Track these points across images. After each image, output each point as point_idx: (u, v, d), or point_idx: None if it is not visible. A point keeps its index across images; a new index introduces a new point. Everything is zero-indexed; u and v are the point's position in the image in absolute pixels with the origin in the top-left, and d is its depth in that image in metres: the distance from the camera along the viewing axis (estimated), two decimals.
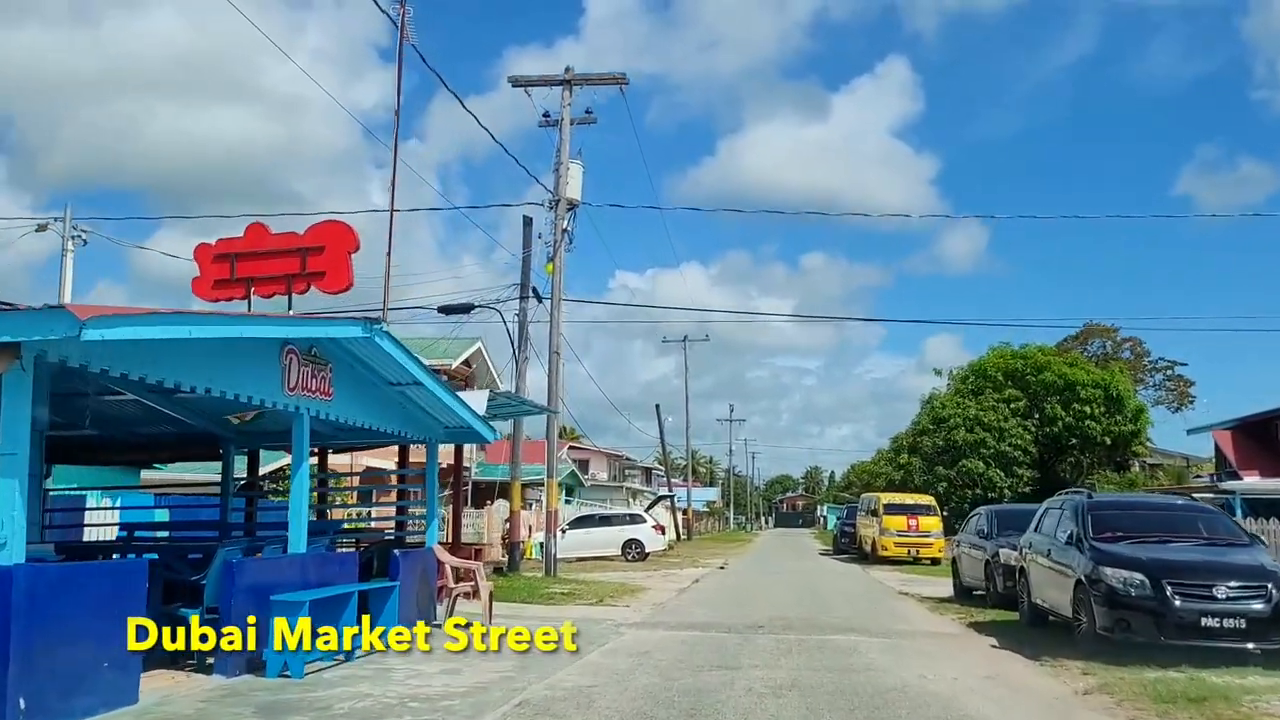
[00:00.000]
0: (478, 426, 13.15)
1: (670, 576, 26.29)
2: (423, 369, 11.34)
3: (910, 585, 23.96)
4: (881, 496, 33.79)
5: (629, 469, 71.83)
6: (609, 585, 21.82)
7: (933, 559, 31.81)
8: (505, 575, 23.50)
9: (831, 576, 26.04)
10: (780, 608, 16.78)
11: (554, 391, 23.86)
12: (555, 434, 23.87)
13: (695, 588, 21.79)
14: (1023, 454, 40.59)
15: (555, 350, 23.98)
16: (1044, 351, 43.89)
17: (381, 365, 11.01)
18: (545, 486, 23.85)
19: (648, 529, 33.93)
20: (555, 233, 24.12)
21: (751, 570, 29.23)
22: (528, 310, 24.87)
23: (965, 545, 19.22)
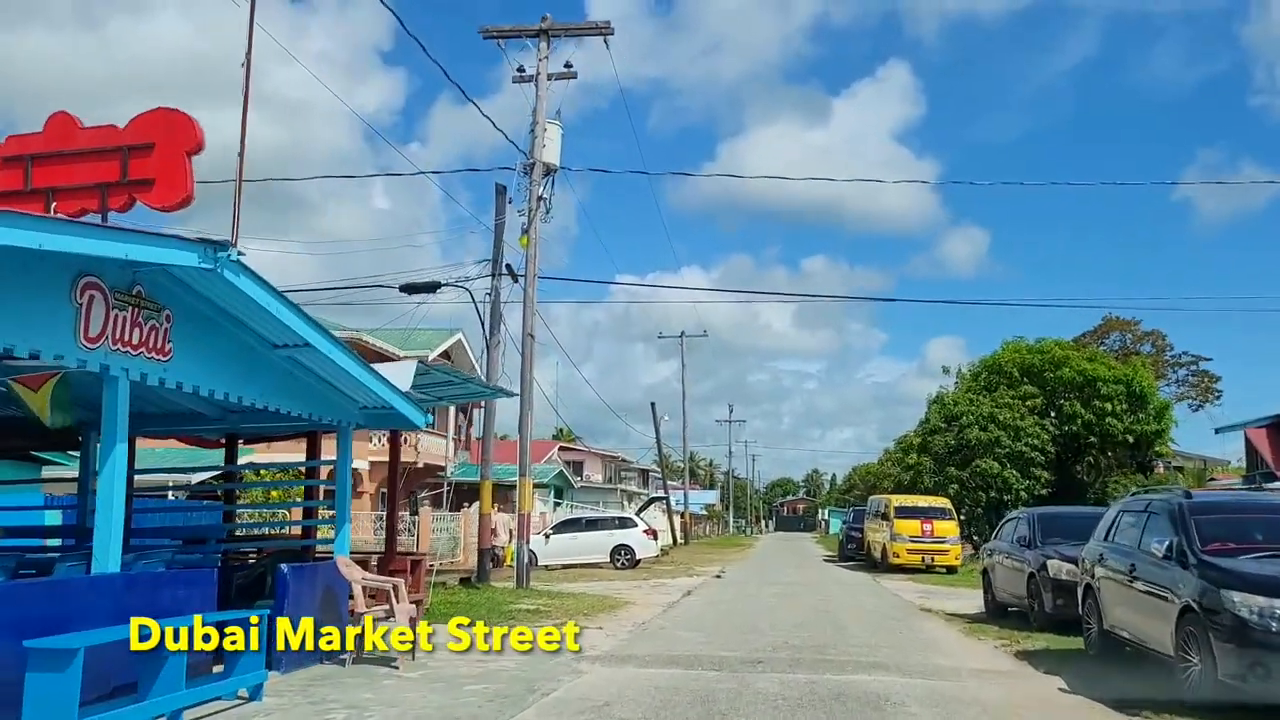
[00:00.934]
0: (402, 407, 10.19)
1: (660, 587, 23.30)
2: (309, 323, 8.37)
3: (930, 598, 20.97)
4: (892, 499, 30.77)
5: (625, 471, 68.80)
6: (587, 599, 18.85)
7: (949, 567, 28.83)
8: (474, 587, 20.56)
9: (840, 588, 23.03)
10: (784, 631, 13.79)
11: (527, 378, 20.89)
12: (528, 426, 20.89)
13: (685, 602, 18.79)
14: (1040, 454, 37.49)
15: (529, 332, 21.01)
16: (1061, 346, 40.82)
17: (250, 315, 8.05)
18: (518, 487, 20.85)
19: (638, 534, 30.93)
20: (530, 200, 21.16)
21: (751, 580, 26.20)
22: (503, 290, 21.99)
23: (1000, 555, 16.23)
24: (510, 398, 14.67)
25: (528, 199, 21.15)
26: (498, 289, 21.93)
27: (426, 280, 22.27)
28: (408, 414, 10.31)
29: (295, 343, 8.61)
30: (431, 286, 22.24)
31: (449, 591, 19.36)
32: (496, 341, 21.96)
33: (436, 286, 22.24)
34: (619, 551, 30.60)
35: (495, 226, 21.76)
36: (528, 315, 21.07)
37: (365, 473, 33.41)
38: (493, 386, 12.62)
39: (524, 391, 20.93)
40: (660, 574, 28.27)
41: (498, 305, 21.93)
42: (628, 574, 27.99)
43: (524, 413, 20.93)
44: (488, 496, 21.71)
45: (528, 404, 20.95)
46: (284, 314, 7.89)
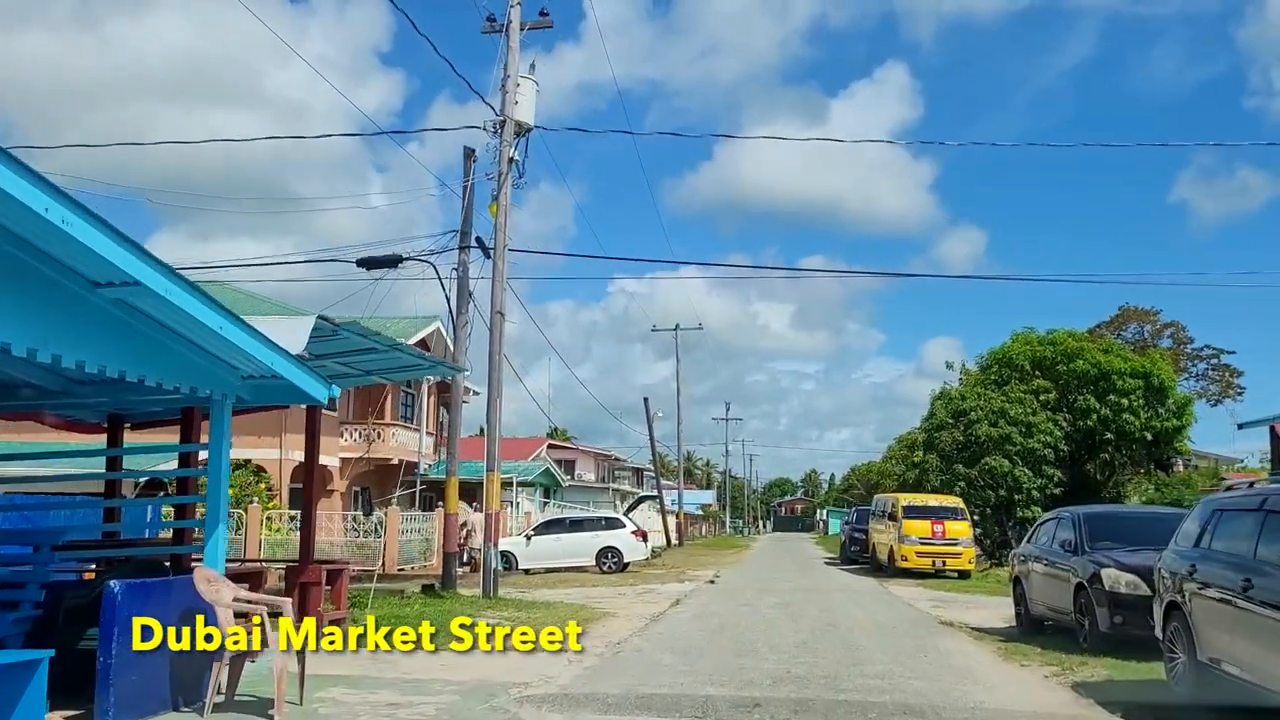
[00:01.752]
0: (293, 375, 7.76)
1: (647, 594, 20.87)
2: (130, 248, 5.93)
3: (947, 608, 18.55)
4: (900, 497, 28.33)
5: (619, 470, 66.34)
6: (562, 610, 16.42)
7: (961, 571, 26.42)
8: (437, 596, 18.15)
9: (845, 596, 20.59)
10: (786, 654, 11.36)
11: (496, 359, 18.47)
12: (497, 413, 18.46)
13: (673, 615, 16.35)
14: (1053, 451, 35.02)
15: (499, 309, 18.59)
16: (1074, 337, 38.31)
17: (36, 233, 5.60)
18: (485, 483, 18.42)
19: (626, 535, 28.49)
20: (500, 162, 18.74)
21: (747, 586, 23.75)
22: (472, 264, 19.59)
23: (1036, 562, 13.79)
24: (458, 372, 12.16)
25: (497, 161, 18.73)
26: (465, 263, 19.55)
27: (386, 254, 19.88)
28: (303, 384, 7.87)
29: (119, 280, 6.18)
30: (392, 261, 19.83)
31: (403, 603, 16.94)
32: (465, 322, 19.56)
33: (398, 261, 19.84)
34: (605, 554, 28.18)
35: (463, 192, 19.39)
36: (497, 291, 18.65)
37: (335, 469, 31.00)
38: (432, 358, 10.18)
39: (492, 375, 18.52)
40: (649, 579, 25.84)
41: (464, 282, 19.54)
42: (614, 579, 25.59)
43: (492, 398, 18.52)
44: (454, 494, 19.30)
45: (496, 389, 18.54)
46: (76, 226, 5.44)
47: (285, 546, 25.56)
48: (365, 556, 25.55)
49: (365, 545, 25.85)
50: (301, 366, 7.88)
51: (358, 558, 25.44)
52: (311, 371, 7.97)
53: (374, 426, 31.52)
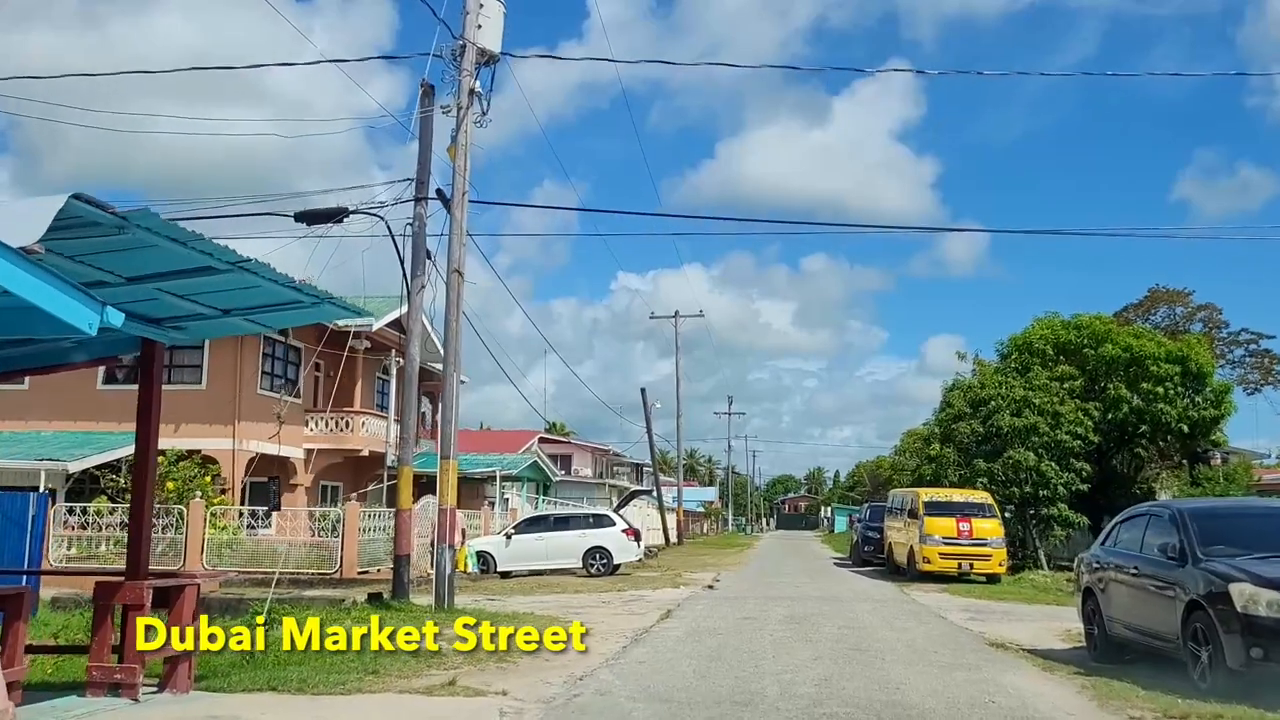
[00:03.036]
0: (19, 284, 4.69)
1: (635, 603, 17.82)
2: None
3: (986, 621, 15.50)
4: (921, 492, 25.17)
5: (617, 466, 63.20)
6: (527, 626, 13.31)
7: (989, 575, 23.29)
8: (384, 606, 15.11)
9: (866, 606, 17.48)
10: (803, 699, 8.27)
11: (453, 328, 15.42)
12: (454, 390, 15.41)
13: (660, 632, 13.26)
14: (1082, 443, 31.85)
15: (456, 268, 15.53)
16: (1101, 320, 35.21)
17: None
18: (439, 472, 15.34)
19: (616, 534, 25.39)
20: (459, 95, 15.67)
21: (750, 593, 20.66)
22: (431, 216, 16.56)
23: (1119, 570, 10.68)
24: (356, 315, 9.10)
25: (456, 94, 15.66)
26: (421, 217, 16.50)
27: (329, 207, 16.83)
28: (40, 299, 4.81)
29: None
30: (336, 214, 16.78)
31: (338, 612, 13.91)
32: (421, 285, 16.52)
33: (343, 214, 16.79)
34: (593, 555, 25.09)
35: (420, 128, 16.35)
36: (455, 246, 15.59)
37: (301, 462, 27.94)
38: (314, 291, 7.11)
39: (449, 345, 15.48)
40: (641, 583, 22.77)
41: (421, 238, 16.49)
42: (602, 583, 22.53)
43: (448, 373, 15.47)
44: (408, 487, 16.24)
45: (454, 361, 15.49)
46: None
47: (234, 548, 22.53)
48: (322, 559, 22.55)
49: (324, 546, 22.83)
50: (36, 269, 4.79)
51: (313, 561, 22.46)
52: (55, 276, 4.89)
53: (343, 415, 28.46)
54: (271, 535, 23.79)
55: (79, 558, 21.83)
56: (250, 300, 7.40)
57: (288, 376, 27.56)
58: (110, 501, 22.44)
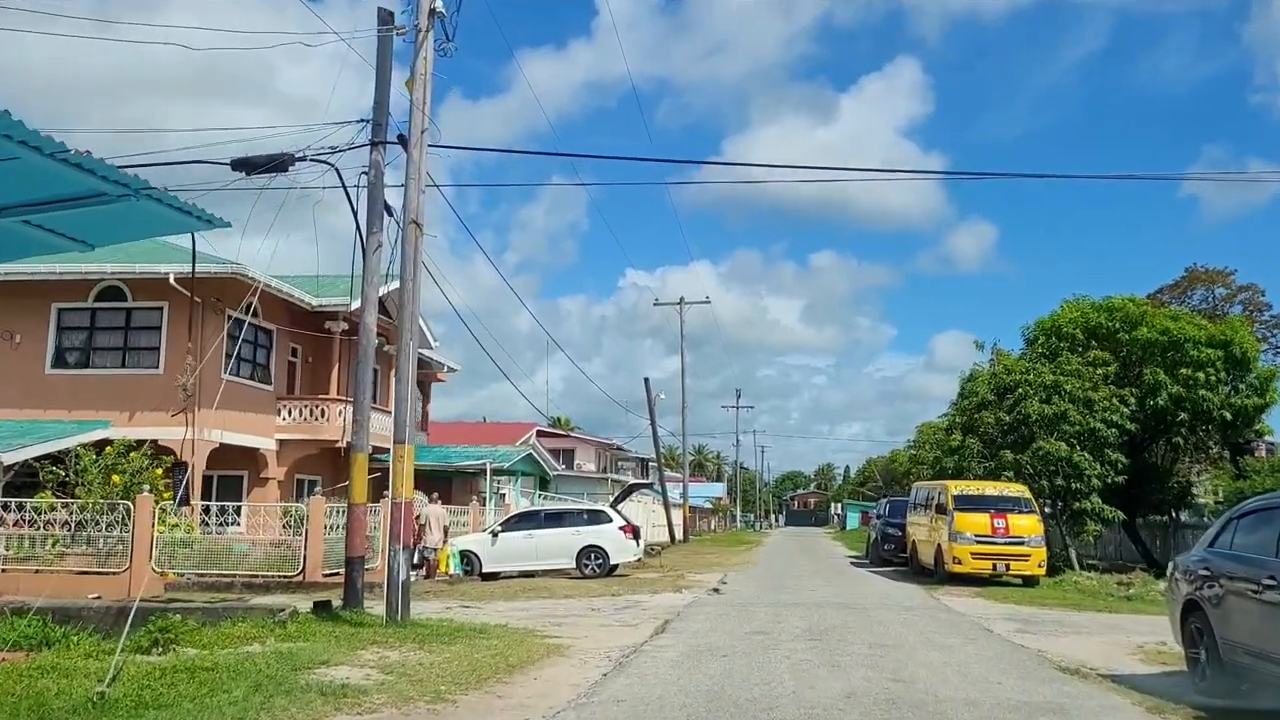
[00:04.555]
0: None
1: (628, 611, 15.34)
2: None
3: (1039, 634, 13.02)
4: (950, 485, 22.56)
5: (622, 460, 60.63)
6: (486, 646, 10.87)
7: (1026, 578, 20.71)
8: (328, 617, 12.65)
9: (896, 616, 14.94)
10: None
11: (409, 288, 12.95)
12: (409, 359, 12.93)
13: (652, 653, 10.73)
14: (1117, 432, 29.10)
15: (414, 218, 13.04)
16: (1135, 303, 32.47)
17: None
18: (392, 458, 12.83)
19: (613, 531, 22.86)
20: (418, 17, 13.18)
21: (761, 598, 18.13)
22: (393, 163, 14.08)
23: (1244, 581, 8.13)
24: (214, 226, 6.46)
25: (414, 12, 13.16)
26: (379, 164, 14.01)
27: (271, 153, 14.34)
28: None
29: None
30: (279, 161, 14.28)
31: (267, 627, 11.46)
32: (377, 244, 14.03)
33: (287, 161, 14.28)
34: (588, 555, 22.58)
35: (377, 59, 13.86)
36: (412, 193, 13.10)
37: (272, 453, 25.48)
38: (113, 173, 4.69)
39: (404, 306, 13.02)
40: (638, 586, 20.27)
41: (379, 188, 14.00)
42: (596, 586, 20.01)
43: (403, 341, 12.99)
44: (362, 478, 13.75)
45: (409, 326, 13.03)
46: None
47: (190, 549, 20.04)
48: (285, 560, 20.06)
49: (289, 545, 20.35)
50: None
51: (275, 562, 19.99)
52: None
53: (318, 403, 26.00)
54: (241, 534, 21.37)
55: (15, 559, 19.43)
56: (19, 191, 4.87)
57: (257, 360, 25.11)
58: (55, 496, 20.04)
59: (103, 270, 22.10)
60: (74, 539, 19.41)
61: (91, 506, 19.37)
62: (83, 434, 21.61)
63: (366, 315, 14.07)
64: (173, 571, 19.57)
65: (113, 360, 23.14)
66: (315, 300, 25.24)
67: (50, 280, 22.55)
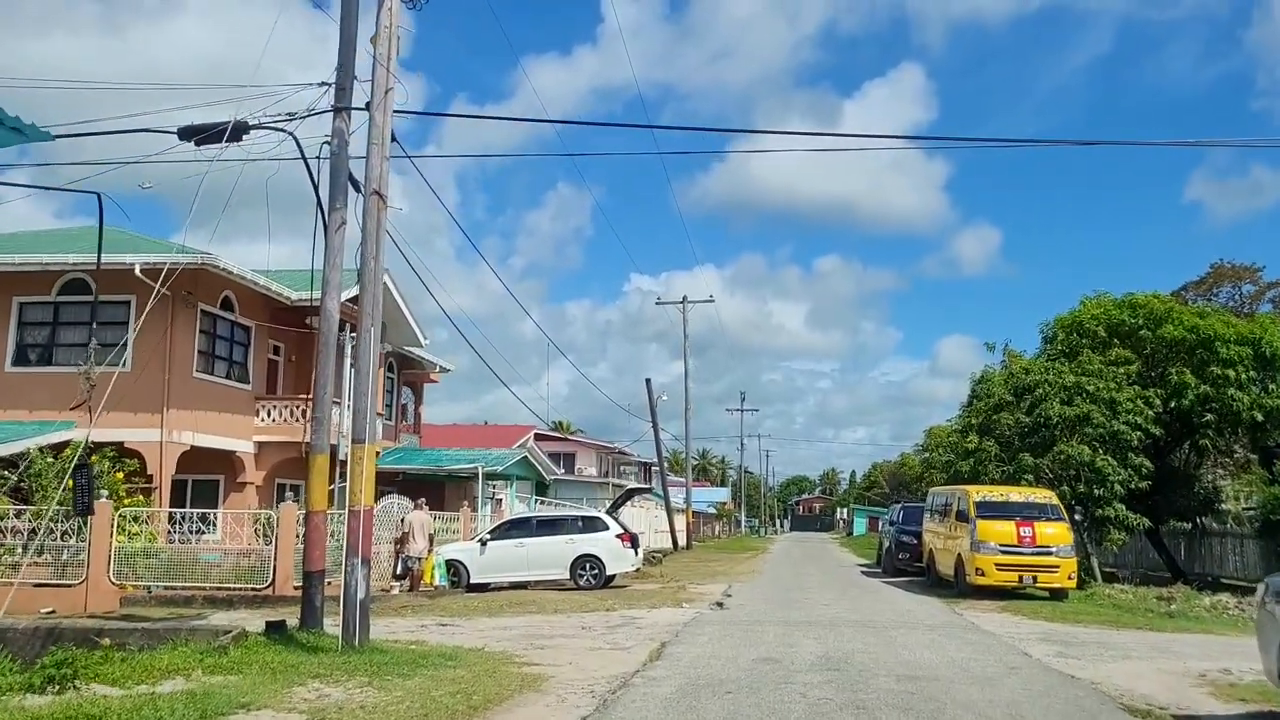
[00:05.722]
0: None
1: (622, 630, 13.73)
2: None
3: (1081, 657, 11.43)
4: (971, 490, 20.91)
5: (624, 464, 59.01)
6: (448, 679, 9.28)
7: (1054, 590, 19.05)
8: (285, 641, 11.06)
9: (920, 637, 13.29)
10: None
11: (371, 267, 11.38)
12: (373, 348, 11.36)
13: (642, 685, 9.10)
14: (1142, 435, 27.38)
15: (376, 188, 11.46)
16: (1160, 299, 30.75)
17: None
18: (350, 461, 11.24)
19: (609, 539, 21.23)
20: None
21: (769, 614, 16.49)
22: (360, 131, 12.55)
23: None
24: (28, 138, 4.90)
25: None
26: (343, 131, 12.46)
27: (222, 121, 12.80)
28: None
29: None
30: (233, 130, 12.75)
31: (206, 653, 9.87)
32: (340, 221, 12.46)
33: (242, 130, 12.76)
34: (583, 564, 20.96)
35: (341, 14, 12.34)
36: (374, 160, 11.53)
37: (250, 457, 23.90)
38: None
39: (365, 286, 11.45)
40: (636, 599, 18.63)
41: (342, 158, 12.44)
42: (589, 599, 18.39)
43: (364, 323, 11.42)
44: (322, 482, 12.17)
45: (372, 308, 11.45)
46: None
47: (153, 559, 18.46)
48: (255, 571, 18.48)
49: (260, 555, 18.76)
50: None
51: (245, 573, 18.40)
52: None
53: (298, 404, 24.41)
54: (217, 543, 19.81)
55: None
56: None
57: (233, 358, 23.53)
58: (10, 502, 18.49)
59: (65, 261, 20.58)
60: (26, 549, 17.84)
61: (46, 514, 17.78)
62: (44, 435, 20.04)
63: (328, 300, 12.52)
64: (133, 584, 18.04)
65: (78, 357, 21.52)
66: (295, 294, 23.66)
67: (11, 272, 21.04)
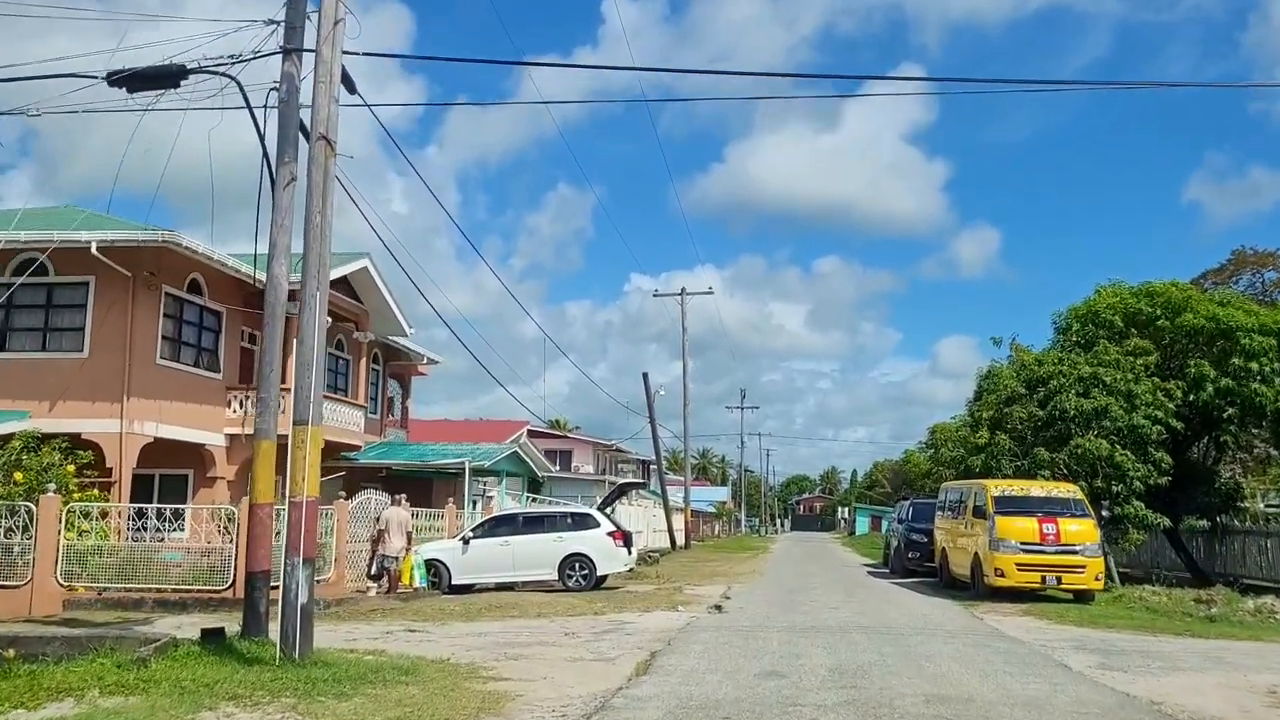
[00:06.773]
0: None
1: (609, 637, 12.22)
2: None
3: (1129, 669, 10.01)
4: (989, 485, 19.40)
5: (622, 462, 57.48)
6: (408, 698, 7.79)
7: (1079, 592, 17.54)
8: (220, 649, 9.58)
9: (941, 645, 11.77)
10: None
11: (317, 223, 9.88)
12: (317, 310, 9.89)
13: (624, 707, 7.60)
14: (1162, 428, 25.85)
15: (324, 133, 9.96)
16: (1179, 287, 29.21)
17: None
18: (291, 444, 9.75)
19: (600, 537, 19.72)
20: None
21: (771, 619, 14.96)
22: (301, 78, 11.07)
23: None
24: None
25: None
26: (293, 75, 10.97)
27: (159, 65, 11.33)
28: None
29: None
30: (170, 74, 11.27)
31: (120, 668, 8.40)
32: (290, 176, 10.95)
33: (180, 75, 11.27)
34: (572, 564, 19.46)
35: None
36: (321, 101, 10.02)
37: (220, 450, 22.39)
38: None
39: (310, 243, 9.97)
40: (627, 602, 17.11)
41: (293, 104, 10.95)
42: (578, 601, 16.86)
43: (308, 287, 9.94)
44: (267, 471, 10.70)
45: (317, 270, 9.97)
46: None
47: (105, 559, 16.93)
48: (215, 571, 16.97)
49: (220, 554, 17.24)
50: None
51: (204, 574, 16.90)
52: None
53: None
54: (184, 541, 18.31)
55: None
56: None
57: (202, 345, 22.03)
58: None
59: (15, 239, 19.07)
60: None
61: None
62: None
63: (274, 265, 11.05)
64: (84, 585, 16.54)
65: (32, 342, 20.08)
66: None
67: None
